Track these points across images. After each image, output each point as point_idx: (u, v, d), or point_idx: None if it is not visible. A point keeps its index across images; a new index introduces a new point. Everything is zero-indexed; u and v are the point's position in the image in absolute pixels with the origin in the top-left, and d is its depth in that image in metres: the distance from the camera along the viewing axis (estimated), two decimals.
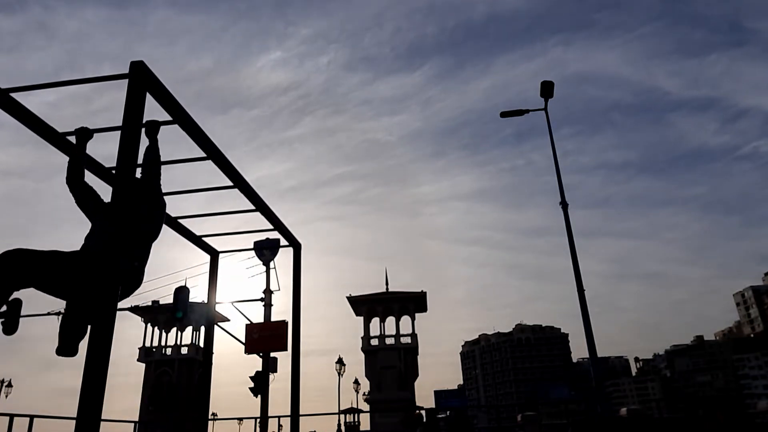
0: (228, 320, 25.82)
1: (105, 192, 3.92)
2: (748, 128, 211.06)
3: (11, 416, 10.93)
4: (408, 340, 36.47)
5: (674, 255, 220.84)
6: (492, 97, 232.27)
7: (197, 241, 6.32)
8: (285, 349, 11.58)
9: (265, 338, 12.05)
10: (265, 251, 12.76)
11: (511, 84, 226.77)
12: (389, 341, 36.42)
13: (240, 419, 25.19)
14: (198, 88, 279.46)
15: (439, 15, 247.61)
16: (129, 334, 44.22)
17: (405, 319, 37.33)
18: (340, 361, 34.49)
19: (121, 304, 2.89)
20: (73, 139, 4.16)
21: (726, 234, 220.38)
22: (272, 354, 12.81)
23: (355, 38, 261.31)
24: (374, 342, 36.29)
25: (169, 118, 3.93)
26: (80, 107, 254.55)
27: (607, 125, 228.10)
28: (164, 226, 6.00)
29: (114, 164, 3.48)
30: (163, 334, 40.25)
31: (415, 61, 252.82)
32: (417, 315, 37.65)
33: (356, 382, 36.32)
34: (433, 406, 33.10)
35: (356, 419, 32.26)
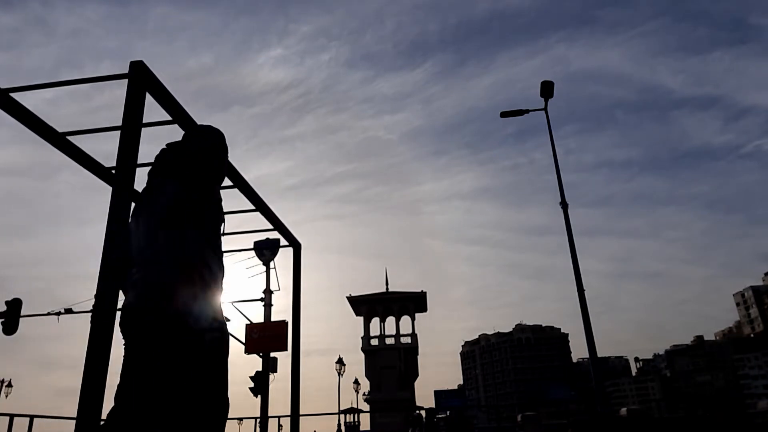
0: (228, 320, 25.83)
1: (104, 191, 3.92)
2: (751, 126, 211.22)
3: (11, 416, 10.94)
4: (408, 340, 36.49)
5: (676, 254, 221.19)
6: (494, 95, 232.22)
7: None
8: (285, 349, 11.59)
9: (265, 338, 12.06)
10: (265, 251, 12.77)
11: (514, 81, 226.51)
12: (389, 341, 36.45)
13: (240, 419, 25.18)
14: (198, 85, 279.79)
15: (441, 11, 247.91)
16: None
17: (405, 319, 37.37)
18: (340, 361, 34.51)
19: (120, 304, 2.87)
20: (74, 139, 4.16)
21: (729, 233, 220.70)
22: (272, 354, 12.81)
23: (357, 35, 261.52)
24: (374, 342, 36.30)
25: (168, 117, 3.94)
26: (80, 104, 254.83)
27: (610, 123, 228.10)
28: None
29: (114, 164, 3.48)
30: None
31: (417, 58, 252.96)
32: (417, 315, 37.70)
33: (356, 382, 36.36)
34: (433, 406, 33.11)
35: (356, 419, 32.24)
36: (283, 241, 6.81)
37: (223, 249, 6.16)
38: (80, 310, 21.95)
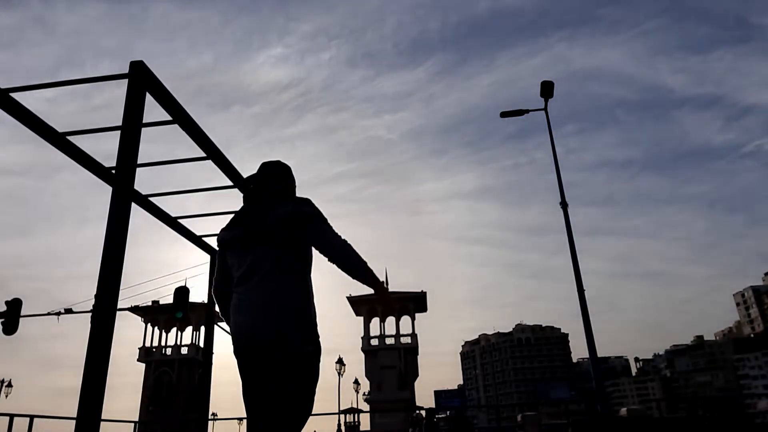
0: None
1: (104, 191, 3.92)
2: (752, 126, 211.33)
3: (11, 416, 10.94)
4: (408, 340, 36.50)
5: (677, 254, 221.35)
6: (495, 94, 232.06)
7: (197, 241, 6.32)
8: None
9: None
10: None
11: (515, 80, 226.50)
12: (389, 341, 36.46)
13: (240, 419, 25.19)
14: (198, 84, 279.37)
15: (442, 10, 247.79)
16: (129, 334, 44.22)
17: (405, 319, 37.37)
18: (340, 361, 34.51)
19: (121, 304, 2.86)
20: (74, 139, 4.16)
21: (729, 233, 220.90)
22: None
23: (357, 34, 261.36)
24: (374, 342, 36.31)
25: (168, 117, 3.94)
26: (80, 103, 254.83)
27: (611, 122, 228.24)
28: (164, 226, 6.00)
29: (114, 164, 3.48)
30: (163, 334, 40.29)
31: (418, 57, 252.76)
32: (417, 315, 37.72)
33: (356, 382, 36.36)
34: (433, 406, 33.13)
35: (356, 419, 32.26)
36: None
37: None
38: (80, 310, 21.99)
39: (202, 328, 33.16)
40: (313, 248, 2.60)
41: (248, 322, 2.41)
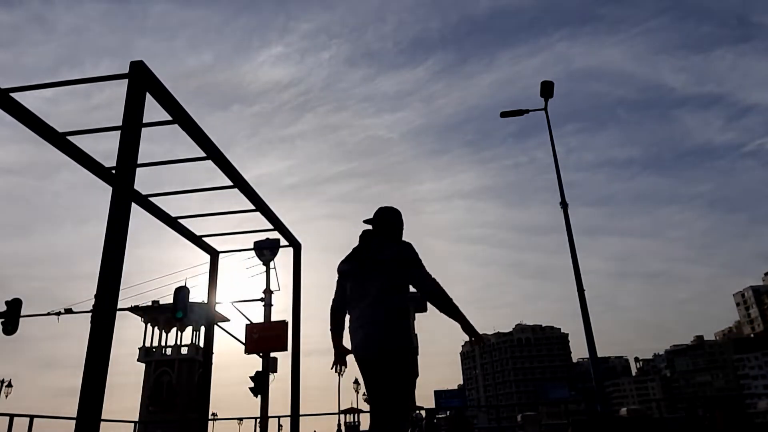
0: (228, 320, 25.83)
1: (104, 191, 3.91)
2: (753, 125, 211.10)
3: (11, 416, 10.93)
4: None
5: (678, 253, 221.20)
6: (495, 93, 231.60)
7: (197, 241, 6.32)
8: (285, 349, 11.58)
9: (265, 338, 12.05)
10: (265, 251, 12.76)
11: (515, 79, 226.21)
12: None
13: (240, 419, 25.17)
14: (198, 83, 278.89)
15: (442, 9, 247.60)
16: (129, 334, 44.22)
17: None
18: None
19: (121, 304, 2.86)
20: (73, 138, 4.16)
21: (730, 232, 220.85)
22: (272, 354, 12.80)
23: (358, 33, 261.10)
24: None
25: (169, 117, 3.93)
26: (79, 102, 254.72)
27: (612, 121, 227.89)
28: (164, 226, 6.00)
29: (114, 164, 3.47)
30: (163, 334, 40.28)
31: (418, 56, 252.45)
32: (417, 315, 37.71)
33: (356, 382, 36.36)
34: (433, 406, 33.07)
35: (356, 419, 32.24)
36: (283, 241, 6.82)
37: (224, 249, 6.15)
38: (80, 310, 21.99)
39: (202, 328, 33.13)
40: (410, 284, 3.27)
41: (375, 332, 3.07)
